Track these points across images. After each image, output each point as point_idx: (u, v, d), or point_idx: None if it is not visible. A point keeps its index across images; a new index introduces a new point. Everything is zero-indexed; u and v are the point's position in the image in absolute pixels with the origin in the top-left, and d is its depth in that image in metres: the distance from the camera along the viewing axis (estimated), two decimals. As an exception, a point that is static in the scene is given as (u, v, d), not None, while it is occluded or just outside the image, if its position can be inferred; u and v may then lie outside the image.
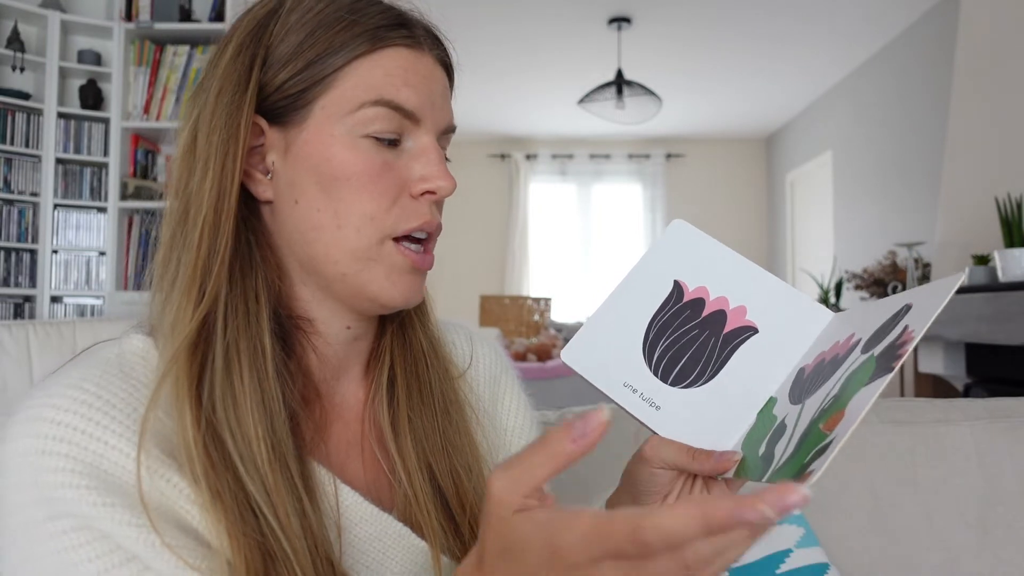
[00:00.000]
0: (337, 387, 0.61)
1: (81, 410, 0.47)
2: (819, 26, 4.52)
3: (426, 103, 0.56)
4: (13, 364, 1.89)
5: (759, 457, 0.51)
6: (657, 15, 4.42)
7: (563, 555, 0.35)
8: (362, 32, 0.55)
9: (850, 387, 0.47)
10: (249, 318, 0.52)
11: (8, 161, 3.00)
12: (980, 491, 1.03)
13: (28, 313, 3.04)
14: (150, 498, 0.46)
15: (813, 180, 6.10)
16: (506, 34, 4.68)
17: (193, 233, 0.52)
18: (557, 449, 0.37)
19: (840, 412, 0.46)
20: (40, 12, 3.02)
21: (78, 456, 0.45)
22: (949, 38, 3.75)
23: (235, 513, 0.47)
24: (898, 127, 4.61)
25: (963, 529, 1.02)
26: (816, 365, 0.54)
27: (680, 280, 0.58)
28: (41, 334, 1.96)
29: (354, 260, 0.55)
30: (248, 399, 0.50)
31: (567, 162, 7.28)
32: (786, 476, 0.45)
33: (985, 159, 3.14)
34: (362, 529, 0.55)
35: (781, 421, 0.52)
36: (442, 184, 0.56)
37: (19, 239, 3.03)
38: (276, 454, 0.50)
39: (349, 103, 0.54)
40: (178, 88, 3.12)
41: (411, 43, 0.56)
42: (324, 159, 0.54)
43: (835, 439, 0.44)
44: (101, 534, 0.45)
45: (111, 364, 0.51)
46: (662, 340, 0.56)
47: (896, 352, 0.45)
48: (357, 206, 0.54)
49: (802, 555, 0.99)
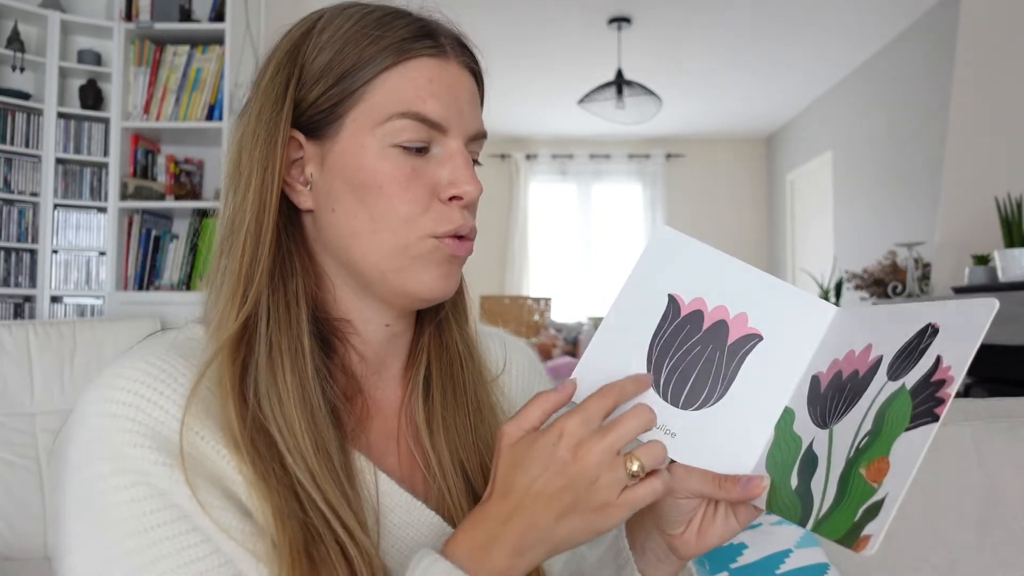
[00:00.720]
0: (378, 383, 0.65)
1: (147, 380, 0.52)
2: (819, 26, 4.51)
3: (452, 112, 0.58)
4: (13, 364, 1.89)
5: (792, 491, 0.50)
6: (657, 15, 4.42)
7: (568, 431, 0.47)
8: (388, 45, 0.57)
9: (888, 426, 0.45)
10: (291, 321, 0.57)
11: (8, 161, 2.99)
12: (980, 491, 1.03)
13: (28, 313, 3.03)
14: (205, 466, 0.52)
15: (813, 180, 6.10)
16: (506, 34, 4.68)
17: (237, 241, 0.57)
18: (548, 397, 0.50)
19: (883, 460, 0.44)
20: (40, 12, 3.01)
21: (143, 420, 0.51)
22: (949, 38, 3.75)
23: (279, 495, 0.52)
24: (898, 127, 4.60)
25: (963, 529, 1.02)
26: (833, 378, 0.52)
27: (674, 293, 0.55)
28: (41, 334, 1.96)
29: (392, 259, 0.58)
30: (291, 395, 0.54)
31: (567, 162, 7.28)
32: (837, 533, 0.45)
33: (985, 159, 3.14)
34: (398, 516, 0.59)
35: (809, 448, 0.50)
36: (468, 188, 0.58)
37: (19, 239, 3.03)
38: (319, 444, 0.54)
39: (378, 115, 0.57)
40: (178, 88, 3.11)
41: (436, 52, 0.58)
42: (357, 169, 0.58)
43: (887, 498, 0.42)
44: (159, 491, 0.50)
45: (174, 346, 0.56)
46: (666, 362, 0.54)
47: (935, 394, 0.43)
48: (391, 211, 0.57)
49: (802, 555, 0.99)
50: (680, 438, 0.54)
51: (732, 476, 0.53)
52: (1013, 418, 1.08)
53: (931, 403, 0.44)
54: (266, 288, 0.56)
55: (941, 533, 1.03)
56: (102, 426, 0.51)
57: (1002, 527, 1.02)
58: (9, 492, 1.77)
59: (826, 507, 0.46)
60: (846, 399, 0.50)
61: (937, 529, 1.03)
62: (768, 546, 1.00)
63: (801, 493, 0.49)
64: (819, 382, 0.53)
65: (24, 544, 1.75)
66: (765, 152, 7.25)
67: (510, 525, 0.49)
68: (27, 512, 1.77)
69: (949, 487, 1.04)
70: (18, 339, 1.92)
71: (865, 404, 0.48)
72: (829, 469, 0.48)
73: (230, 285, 0.57)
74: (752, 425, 0.54)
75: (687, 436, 0.54)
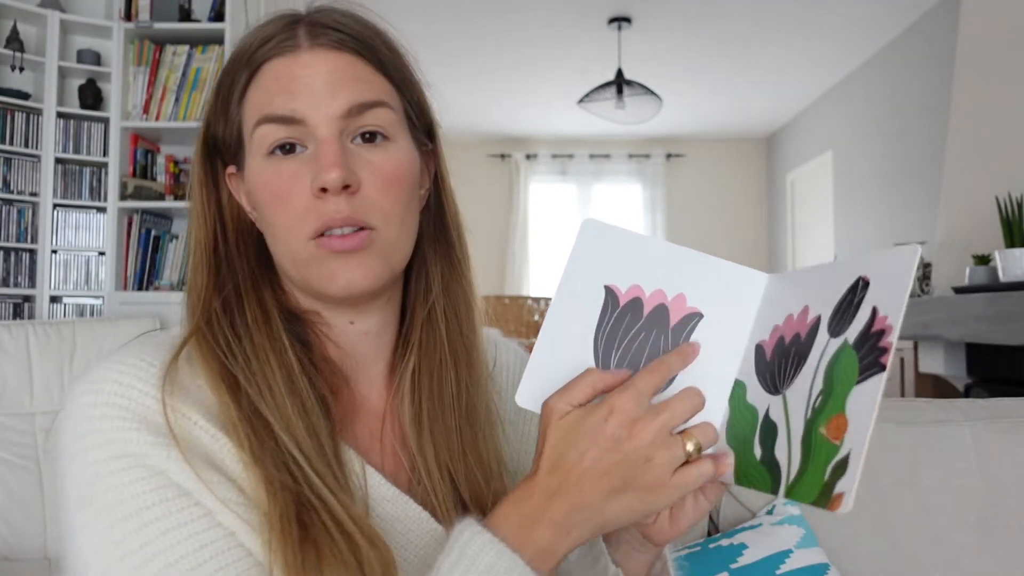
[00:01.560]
0: (363, 379, 0.65)
1: (137, 374, 0.54)
2: (819, 26, 4.51)
3: (304, 100, 0.57)
4: (12, 364, 1.89)
5: (758, 462, 0.50)
6: (657, 15, 4.42)
7: (620, 408, 0.47)
8: (242, 64, 0.60)
9: (838, 383, 0.46)
10: (270, 322, 0.60)
11: (7, 161, 2.99)
12: (980, 491, 1.03)
13: (27, 313, 3.03)
14: (198, 448, 0.53)
15: (813, 180, 6.10)
16: (506, 34, 4.68)
17: (189, 270, 0.62)
18: (600, 375, 0.50)
19: (840, 416, 0.45)
20: (39, 12, 3.01)
21: (134, 409, 0.52)
22: (949, 38, 3.75)
23: (275, 468, 0.53)
24: (899, 127, 4.60)
25: (963, 529, 1.02)
26: (777, 344, 0.52)
27: (610, 284, 0.54)
28: (40, 334, 1.96)
29: (293, 265, 0.60)
30: (281, 387, 0.56)
31: (567, 162, 7.27)
32: (809, 496, 0.45)
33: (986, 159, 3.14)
34: (385, 508, 0.59)
35: (766, 417, 0.51)
36: (325, 178, 0.55)
37: (18, 239, 3.03)
38: (309, 430, 0.55)
39: (249, 133, 0.60)
40: (177, 88, 3.11)
41: (283, 49, 0.58)
42: (251, 189, 0.61)
43: (852, 453, 0.43)
44: (157, 470, 0.51)
45: (162, 344, 0.58)
46: (613, 354, 0.53)
47: (878, 344, 0.44)
48: (276, 223, 0.59)
49: (802, 555, 0.99)
50: None
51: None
52: (1013, 418, 1.08)
53: (875, 353, 0.44)
54: (216, 303, 0.59)
55: (941, 533, 1.03)
56: (93, 416, 0.52)
57: (1002, 527, 1.02)
58: (8, 492, 1.76)
59: (794, 472, 0.47)
60: (793, 362, 0.50)
61: (937, 529, 1.03)
62: (768, 547, 1.00)
63: (767, 462, 0.49)
64: (764, 350, 0.53)
65: (23, 544, 1.75)
66: (765, 152, 7.25)
67: (557, 501, 0.48)
68: (26, 512, 1.77)
69: (949, 487, 1.04)
70: (17, 339, 1.92)
71: (813, 364, 0.48)
72: (790, 434, 0.48)
73: (192, 295, 0.61)
74: (707, 403, 0.53)
75: None
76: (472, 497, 0.62)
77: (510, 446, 0.69)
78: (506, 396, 0.72)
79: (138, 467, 0.51)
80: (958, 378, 3.03)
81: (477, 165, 7.17)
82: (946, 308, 2.79)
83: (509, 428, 0.70)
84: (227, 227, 0.63)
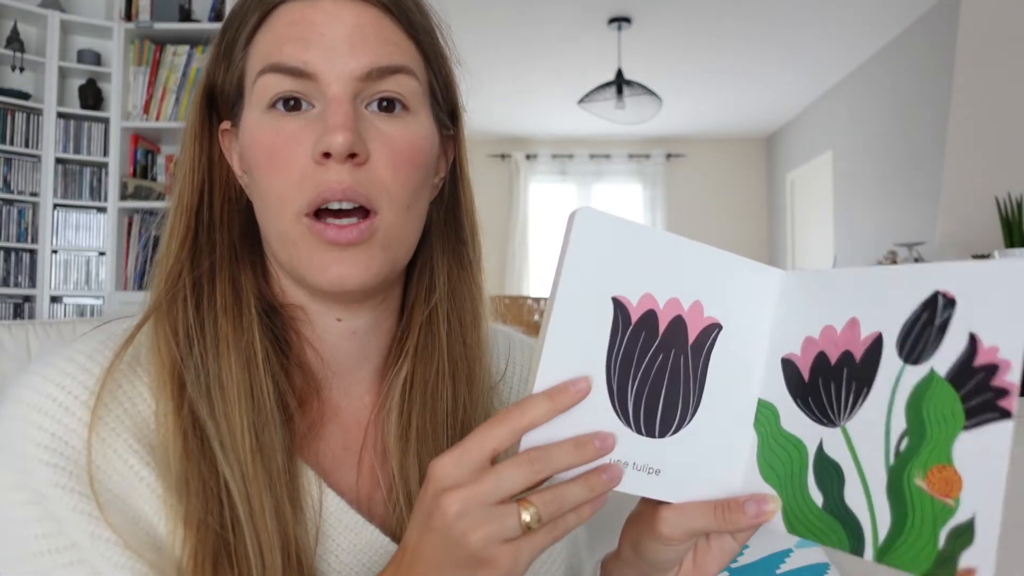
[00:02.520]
0: (338, 387, 0.57)
1: (64, 382, 0.47)
2: (819, 26, 4.51)
3: (318, 52, 0.49)
4: (13, 364, 1.89)
5: (819, 509, 0.42)
6: (657, 15, 4.42)
7: (434, 475, 0.40)
8: (253, 5, 0.52)
9: (933, 425, 0.38)
10: (241, 309, 0.52)
11: (8, 161, 2.99)
12: (980, 491, 1.03)
13: (28, 313, 3.03)
14: (111, 483, 0.47)
15: (813, 180, 6.10)
16: (506, 34, 4.67)
17: (164, 238, 0.54)
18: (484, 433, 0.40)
19: (946, 468, 0.37)
20: (40, 12, 3.01)
21: (52, 430, 0.46)
22: (949, 38, 3.75)
23: (201, 499, 0.46)
24: (898, 127, 4.60)
25: (963, 529, 1.02)
26: (817, 362, 0.44)
27: (619, 295, 0.43)
28: (41, 334, 1.95)
29: (281, 245, 0.51)
30: (236, 388, 0.49)
31: (567, 162, 7.27)
32: (921, 565, 0.38)
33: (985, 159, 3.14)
34: (345, 539, 0.53)
35: (821, 453, 0.43)
36: (328, 139, 0.47)
37: (19, 239, 3.03)
38: (260, 445, 0.48)
39: (252, 81, 0.52)
40: (178, 88, 3.11)
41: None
42: (245, 146, 0.52)
43: (978, 518, 0.36)
44: (52, 515, 0.45)
45: (111, 339, 0.51)
46: (629, 385, 0.43)
47: (991, 383, 0.36)
48: (267, 189, 0.50)
49: (802, 555, 0.99)
50: (666, 474, 0.44)
51: (734, 501, 0.44)
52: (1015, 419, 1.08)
53: (987, 394, 0.36)
54: (188, 280, 0.52)
55: (941, 533, 1.03)
56: (10, 431, 0.47)
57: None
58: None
59: (884, 530, 0.39)
60: (849, 389, 0.42)
61: (937, 529, 1.03)
62: (768, 546, 1.00)
63: (836, 512, 0.41)
64: (796, 367, 0.45)
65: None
66: (765, 152, 7.25)
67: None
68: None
69: (949, 487, 1.04)
70: (18, 339, 1.92)
71: (883, 396, 0.40)
72: (865, 481, 0.40)
73: (161, 263, 0.53)
74: (729, 431, 0.46)
75: (673, 469, 0.45)
76: None
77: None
78: (516, 399, 0.64)
79: (36, 506, 0.45)
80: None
81: (477, 165, 7.11)
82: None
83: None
84: (214, 189, 0.55)
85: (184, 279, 0.52)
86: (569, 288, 0.43)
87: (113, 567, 0.45)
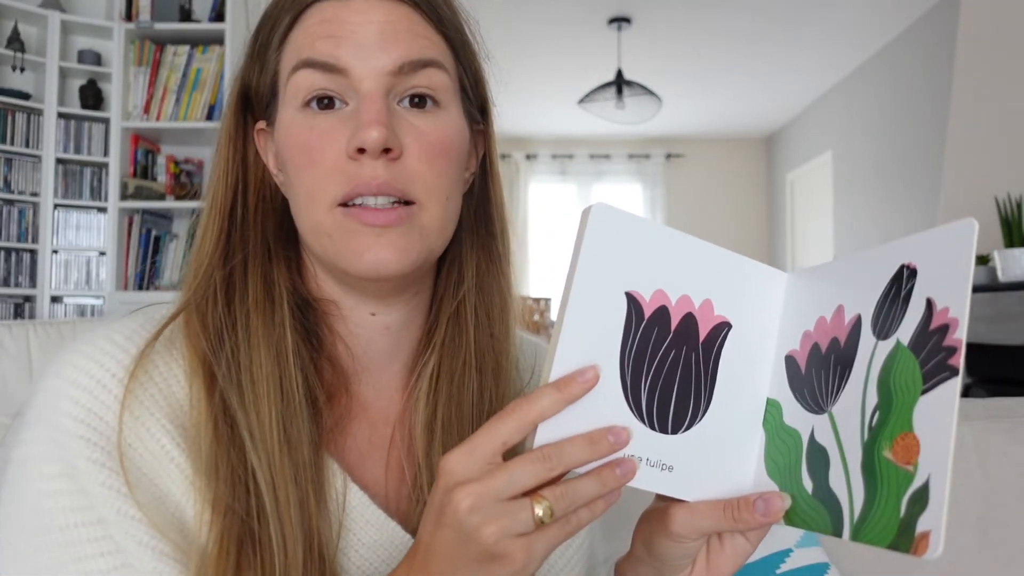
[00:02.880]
0: (367, 382, 0.58)
1: (102, 359, 0.49)
2: (819, 26, 4.51)
3: (349, 48, 0.50)
4: (13, 364, 1.89)
5: (810, 496, 0.43)
6: (657, 15, 4.42)
7: (445, 469, 0.40)
8: (286, 6, 0.53)
9: (899, 394, 0.38)
10: (273, 304, 0.53)
11: (8, 161, 3.00)
12: (980, 491, 1.03)
13: (28, 313, 3.04)
14: (142, 462, 0.48)
15: (813, 180, 6.10)
16: (506, 34, 4.68)
17: (203, 225, 0.55)
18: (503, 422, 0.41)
19: (908, 436, 0.37)
20: (40, 12, 3.01)
21: (87, 404, 0.48)
22: (949, 38, 3.75)
23: (229, 485, 0.47)
24: (898, 127, 4.60)
25: (964, 530, 1.02)
26: (811, 354, 0.45)
27: (632, 291, 0.44)
28: (41, 334, 1.96)
29: (316, 237, 0.52)
30: (266, 380, 0.50)
31: (567, 162, 7.28)
32: (884, 537, 0.38)
33: (985, 159, 3.15)
34: (367, 534, 0.53)
35: (812, 440, 0.43)
36: (362, 135, 0.48)
37: (19, 239, 3.03)
38: (288, 437, 0.49)
39: (285, 80, 0.53)
40: (178, 88, 3.11)
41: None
42: (280, 144, 0.54)
43: (931, 480, 0.36)
44: (82, 489, 0.46)
45: (150, 322, 0.53)
46: (643, 380, 0.44)
47: (942, 344, 0.37)
48: (300, 185, 0.52)
49: (802, 555, 0.99)
50: (679, 470, 0.45)
51: (743, 500, 0.45)
52: (1013, 418, 1.08)
53: (940, 354, 0.37)
54: (221, 274, 0.53)
55: (941, 533, 1.03)
56: (48, 403, 0.48)
57: (1001, 527, 1.02)
58: (9, 492, 1.77)
59: (859, 508, 0.40)
60: (835, 374, 0.43)
61: (937, 529, 1.03)
62: (768, 546, 1.00)
63: (822, 496, 0.42)
64: (796, 362, 0.46)
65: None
66: (765, 152, 7.25)
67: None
68: (27, 512, 1.77)
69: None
70: (18, 339, 1.92)
71: (860, 374, 0.41)
72: (845, 461, 0.41)
73: (195, 261, 0.55)
74: (739, 431, 0.46)
75: (686, 466, 0.45)
76: None
77: None
78: None
79: (67, 478, 0.46)
80: (958, 378, 3.03)
81: (477, 165, 7.16)
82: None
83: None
84: (248, 189, 0.56)
85: (215, 276, 0.53)
86: (583, 283, 0.43)
87: (137, 545, 0.46)
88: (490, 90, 0.60)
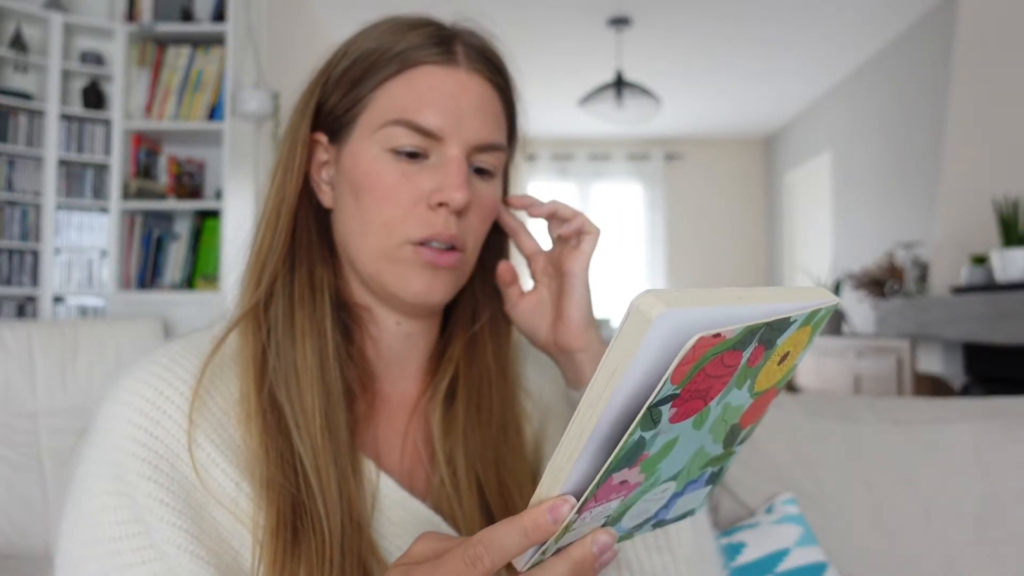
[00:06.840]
0: (389, 378, 0.66)
1: (157, 383, 0.55)
2: (818, 27, 4.52)
3: (449, 121, 0.59)
4: (16, 364, 1.90)
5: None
6: (657, 16, 4.42)
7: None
8: (396, 54, 0.60)
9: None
10: (315, 304, 0.60)
11: (10, 162, 3.00)
12: (979, 491, 1.04)
13: (31, 313, 3.04)
14: (195, 492, 0.53)
15: (812, 180, 6.11)
16: (505, 35, 4.68)
17: (259, 230, 0.62)
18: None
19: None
20: (42, 14, 3.02)
21: (148, 428, 0.53)
22: (947, 39, 3.76)
23: (278, 466, 0.54)
24: (896, 128, 4.61)
25: (962, 529, 1.03)
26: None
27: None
28: (44, 334, 1.97)
29: (376, 262, 0.60)
30: (310, 373, 0.57)
31: (567, 162, 7.28)
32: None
33: (983, 159, 3.16)
34: (395, 513, 0.60)
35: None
36: (452, 196, 0.58)
37: (21, 239, 3.04)
38: (328, 425, 0.56)
39: (378, 121, 0.60)
40: (180, 89, 3.12)
41: (444, 60, 0.60)
42: (355, 171, 0.60)
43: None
44: (131, 502, 0.51)
45: (190, 343, 0.59)
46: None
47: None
48: (376, 215, 0.59)
49: (801, 554, 0.99)
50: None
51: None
52: (1011, 417, 1.09)
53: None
54: (282, 272, 0.60)
55: (939, 532, 1.04)
56: (104, 425, 0.54)
57: (1000, 527, 1.03)
58: (12, 491, 1.77)
59: None
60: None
61: (935, 528, 1.04)
62: (767, 545, 1.00)
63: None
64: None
65: (27, 543, 1.76)
66: (764, 152, 7.26)
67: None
68: (30, 511, 1.78)
69: (947, 486, 1.05)
70: (20, 339, 1.93)
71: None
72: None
73: (248, 268, 0.61)
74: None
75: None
76: (500, 509, 0.63)
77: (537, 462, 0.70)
78: (536, 419, 0.72)
79: (119, 495, 0.51)
80: (955, 378, 3.04)
81: (477, 165, 7.15)
82: (943, 308, 2.81)
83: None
84: (304, 193, 0.63)
85: (280, 274, 0.60)
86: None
87: (176, 549, 0.51)
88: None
